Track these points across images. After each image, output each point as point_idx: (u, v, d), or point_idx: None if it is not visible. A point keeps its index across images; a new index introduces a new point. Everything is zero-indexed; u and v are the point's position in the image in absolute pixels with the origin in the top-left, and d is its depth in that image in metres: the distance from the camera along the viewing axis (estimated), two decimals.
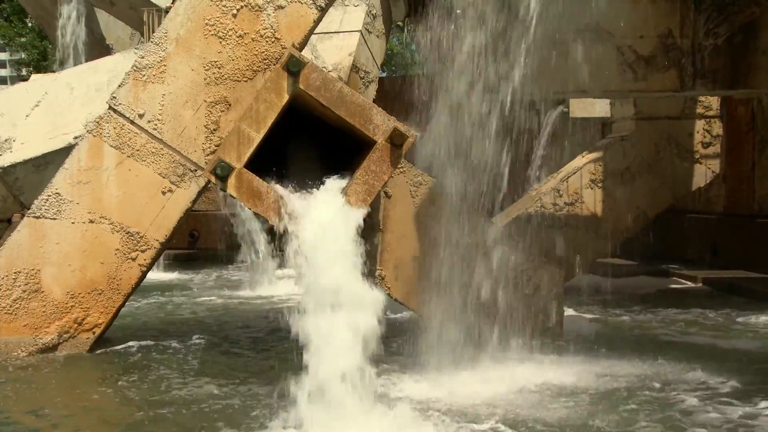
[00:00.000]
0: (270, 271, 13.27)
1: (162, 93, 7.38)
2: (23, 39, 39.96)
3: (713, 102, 12.19)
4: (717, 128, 12.20)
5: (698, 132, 12.14)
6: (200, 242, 16.85)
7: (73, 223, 7.42)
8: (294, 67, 6.37)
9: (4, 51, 57.13)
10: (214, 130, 7.36)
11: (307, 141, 7.01)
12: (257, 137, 6.36)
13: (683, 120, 12.15)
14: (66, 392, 6.34)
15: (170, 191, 7.44)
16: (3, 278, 7.35)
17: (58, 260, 7.40)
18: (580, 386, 6.34)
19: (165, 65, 7.38)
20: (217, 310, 10.49)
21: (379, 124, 6.37)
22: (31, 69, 37.93)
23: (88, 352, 7.40)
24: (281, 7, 7.31)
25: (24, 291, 7.36)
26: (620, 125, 12.58)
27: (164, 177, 7.43)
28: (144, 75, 7.40)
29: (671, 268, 13.99)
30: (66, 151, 8.73)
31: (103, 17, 17.69)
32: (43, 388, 6.40)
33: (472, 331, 7.11)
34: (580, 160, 12.18)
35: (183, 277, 14.30)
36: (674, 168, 12.05)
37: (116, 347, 7.61)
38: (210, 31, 7.32)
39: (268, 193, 6.24)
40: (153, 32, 10.80)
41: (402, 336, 7.30)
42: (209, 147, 7.37)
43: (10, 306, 7.33)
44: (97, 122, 7.51)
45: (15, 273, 7.36)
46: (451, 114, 7.25)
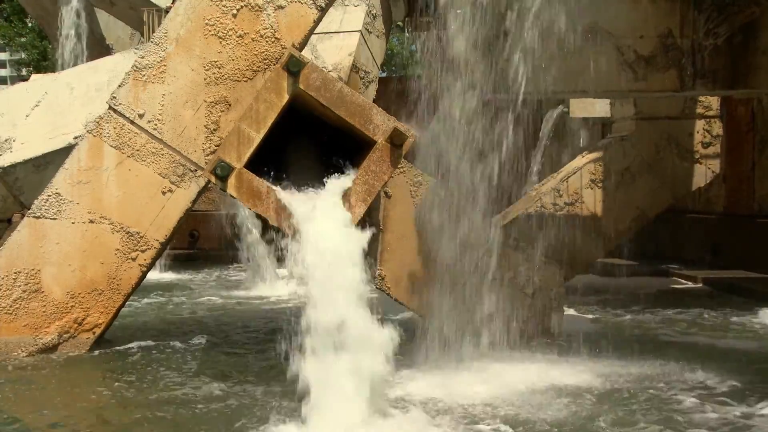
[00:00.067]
0: (270, 271, 13.28)
1: (162, 93, 7.38)
2: (23, 39, 39.98)
3: (713, 102, 12.19)
4: (717, 128, 12.19)
5: (698, 132, 12.14)
6: (200, 242, 16.85)
7: (73, 223, 7.43)
8: (294, 67, 6.38)
9: (4, 51, 57.14)
10: (214, 130, 7.36)
11: (307, 141, 7.01)
12: (257, 137, 6.37)
13: (683, 120, 12.14)
14: (66, 392, 6.34)
15: (170, 191, 7.44)
16: (3, 278, 7.35)
17: (58, 260, 7.41)
18: (580, 386, 6.34)
19: (165, 65, 7.38)
20: (217, 310, 10.49)
21: (379, 124, 6.37)
22: (31, 69, 37.93)
23: (88, 352, 7.41)
24: (281, 7, 7.31)
25: (24, 291, 7.36)
26: (620, 125, 12.58)
27: (164, 177, 7.43)
28: (144, 75, 7.40)
29: (671, 268, 13.98)
30: (66, 151, 8.72)
31: (103, 17, 17.67)
32: (43, 389, 6.40)
33: (473, 331, 7.12)
34: (580, 160, 12.18)
35: (183, 277, 14.30)
36: (674, 168, 12.05)
37: (116, 347, 7.61)
38: (210, 31, 7.32)
39: (268, 194, 6.24)
40: (153, 32, 10.80)
41: (402, 336, 7.28)
42: (209, 147, 7.37)
43: (10, 306, 7.33)
44: (97, 122, 7.51)
45: (15, 273, 7.36)
46: (452, 114, 7.25)
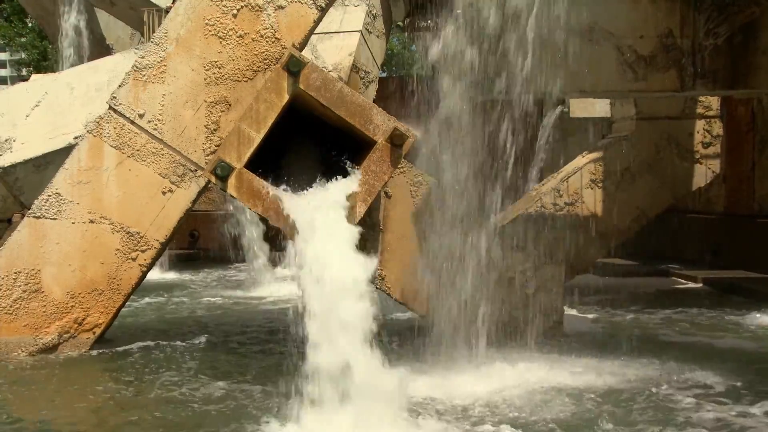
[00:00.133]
0: (270, 271, 13.28)
1: (162, 93, 7.38)
2: (23, 39, 39.98)
3: (713, 102, 12.19)
4: (717, 128, 12.20)
5: (698, 132, 12.14)
6: (200, 242, 16.85)
7: (74, 223, 7.43)
8: (294, 67, 6.38)
9: (4, 51, 57.14)
10: (215, 130, 7.36)
11: (307, 141, 7.02)
12: (257, 137, 6.36)
13: (683, 120, 12.15)
14: (66, 392, 6.34)
15: (170, 191, 7.44)
16: (3, 278, 7.35)
17: (59, 260, 7.41)
18: (580, 386, 6.33)
19: (165, 65, 7.38)
20: (217, 310, 10.49)
21: (379, 124, 6.37)
22: (31, 69, 37.93)
23: (88, 352, 7.41)
24: (281, 7, 7.31)
25: (24, 291, 7.36)
26: (620, 125, 12.58)
27: (164, 177, 7.43)
28: (144, 75, 7.40)
29: (671, 268, 13.98)
30: (66, 151, 8.72)
31: (103, 17, 17.67)
32: (43, 389, 6.39)
33: (473, 331, 7.11)
34: (580, 160, 12.18)
35: (183, 277, 14.29)
36: (674, 168, 12.06)
37: (116, 347, 7.61)
38: (210, 31, 7.32)
39: (268, 194, 6.24)
40: (153, 32, 10.81)
41: (402, 336, 7.29)
42: (209, 147, 7.37)
43: (11, 306, 7.33)
44: (97, 122, 7.51)
45: (15, 273, 7.36)
46: (453, 114, 7.25)
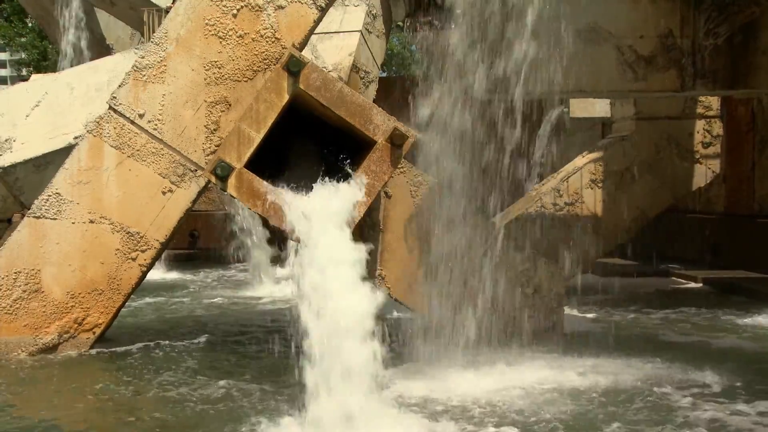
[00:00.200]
0: (270, 271, 13.28)
1: (162, 93, 7.38)
2: (23, 39, 39.95)
3: (713, 102, 12.19)
4: (717, 128, 12.20)
5: (698, 132, 12.14)
6: (200, 242, 16.85)
7: (74, 223, 7.43)
8: (294, 67, 6.38)
9: (4, 51, 57.14)
10: (215, 130, 7.36)
11: (307, 141, 7.02)
12: (257, 137, 6.36)
13: (683, 120, 12.15)
14: (65, 392, 6.33)
15: (170, 191, 7.44)
16: (3, 278, 7.35)
17: (58, 260, 7.41)
18: (580, 386, 6.33)
19: (165, 65, 7.38)
20: (217, 310, 10.49)
21: (379, 124, 6.37)
22: (31, 69, 37.91)
23: (88, 352, 7.41)
24: (281, 7, 7.31)
25: (24, 291, 7.36)
26: (620, 125, 12.58)
27: (164, 177, 7.43)
28: (144, 75, 7.40)
29: (671, 268, 13.98)
30: (66, 151, 8.72)
31: (103, 17, 17.66)
32: (43, 389, 6.40)
33: (473, 331, 7.11)
34: (580, 160, 12.18)
35: (183, 277, 14.29)
36: (674, 168, 12.05)
37: (116, 347, 7.61)
38: (210, 31, 7.32)
39: (269, 194, 6.24)
40: (153, 32, 10.81)
41: (402, 336, 7.29)
42: (209, 147, 7.37)
43: (10, 306, 7.33)
44: (97, 122, 7.51)
45: (15, 273, 7.36)
46: (453, 114, 7.25)
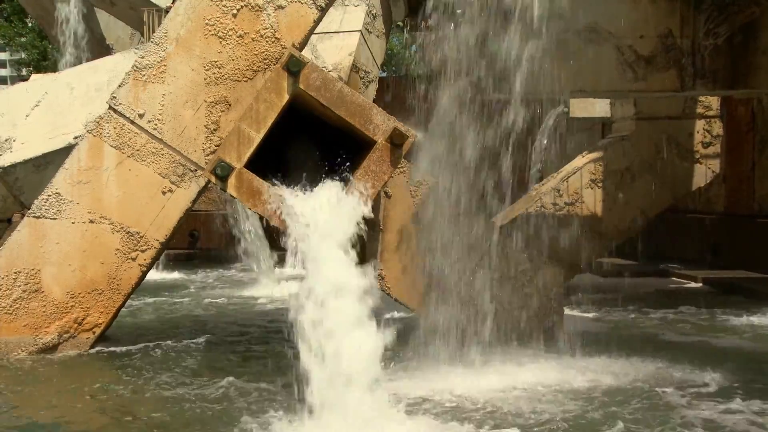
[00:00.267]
0: (270, 271, 13.28)
1: (162, 93, 7.38)
2: (23, 39, 39.94)
3: (713, 102, 12.19)
4: (717, 128, 12.19)
5: (698, 132, 12.13)
6: (200, 242, 16.85)
7: (73, 223, 7.43)
8: (294, 67, 6.38)
9: (4, 51, 57.11)
10: (214, 130, 7.36)
11: (307, 141, 7.01)
12: (257, 137, 6.36)
13: (683, 120, 12.14)
14: (65, 392, 6.33)
15: (170, 191, 7.44)
16: (3, 278, 7.35)
17: (58, 260, 7.41)
18: (581, 386, 6.34)
19: (165, 65, 7.38)
20: (217, 311, 10.49)
21: (379, 124, 6.37)
22: (31, 69, 37.90)
23: (88, 352, 7.40)
24: (281, 7, 7.31)
25: (24, 291, 7.36)
26: (620, 125, 12.58)
27: (164, 177, 7.43)
28: (144, 75, 7.40)
29: (671, 268, 13.98)
30: (66, 151, 8.72)
31: (103, 17, 17.66)
32: (43, 389, 6.39)
33: (473, 331, 7.11)
34: (580, 160, 12.18)
35: (183, 277, 14.29)
36: (674, 168, 12.05)
37: (116, 347, 7.61)
38: (210, 31, 7.32)
39: (269, 193, 6.24)
40: (153, 32, 10.79)
41: (402, 336, 7.28)
42: (209, 147, 7.37)
43: (10, 306, 7.33)
44: (97, 122, 7.51)
45: (15, 273, 7.36)
46: (452, 114, 7.25)
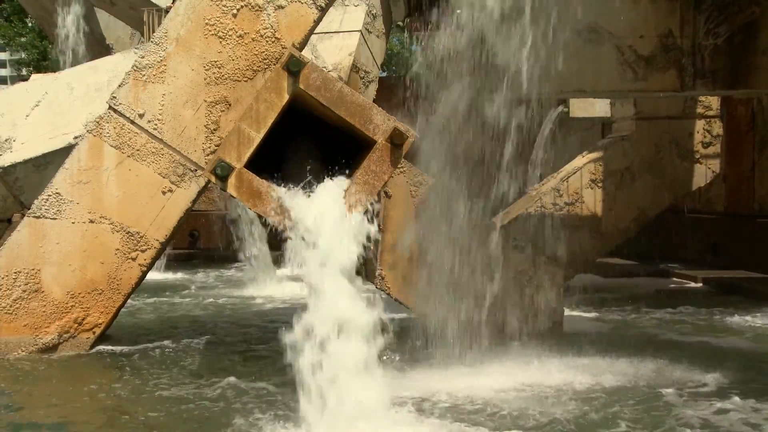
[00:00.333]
0: (270, 271, 13.27)
1: (162, 93, 7.38)
2: (23, 39, 39.93)
3: (713, 102, 12.19)
4: (717, 128, 12.19)
5: (698, 132, 12.13)
6: (200, 242, 16.86)
7: (73, 223, 7.42)
8: (294, 67, 6.37)
9: (4, 51, 57.10)
10: (214, 130, 7.36)
11: (307, 141, 7.01)
12: (257, 137, 6.36)
13: (683, 120, 12.14)
14: (64, 392, 6.33)
15: (170, 191, 7.44)
16: (3, 278, 7.35)
17: (58, 260, 7.40)
18: (581, 386, 6.33)
19: (165, 65, 7.38)
20: (217, 311, 10.49)
21: (379, 124, 6.36)
22: (31, 69, 37.89)
23: (88, 352, 7.40)
24: (281, 7, 7.31)
25: (24, 291, 7.35)
26: (620, 125, 12.58)
27: (164, 177, 7.43)
28: (144, 75, 7.40)
29: (671, 268, 13.98)
30: (66, 151, 8.73)
31: (103, 17, 17.67)
32: (42, 389, 6.39)
33: (473, 331, 7.12)
34: (580, 160, 12.17)
35: (183, 277, 14.30)
36: (674, 168, 12.05)
37: (116, 347, 7.61)
38: (210, 31, 7.32)
39: (269, 193, 6.23)
40: (153, 32, 10.80)
41: (402, 336, 7.29)
42: (209, 147, 7.37)
43: (10, 306, 7.33)
44: (97, 122, 7.51)
45: (15, 273, 7.36)
46: (452, 114, 7.25)
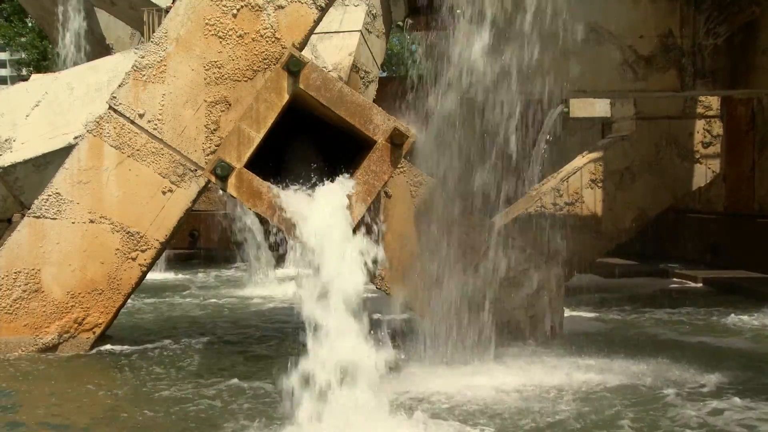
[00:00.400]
0: (270, 271, 13.27)
1: (162, 93, 7.38)
2: (23, 39, 39.95)
3: (713, 102, 12.19)
4: (717, 128, 12.20)
5: (698, 132, 12.14)
6: (200, 242, 16.86)
7: (74, 223, 7.43)
8: (294, 67, 6.38)
9: (4, 51, 57.13)
10: (215, 130, 7.36)
11: (307, 141, 7.01)
12: (257, 137, 6.36)
13: (683, 120, 12.14)
14: (64, 392, 6.32)
15: (170, 191, 7.44)
16: (3, 278, 7.35)
17: (59, 260, 7.40)
18: (581, 386, 6.33)
19: (165, 65, 7.38)
20: (216, 311, 10.49)
21: (379, 124, 6.37)
22: (31, 69, 37.90)
23: (88, 352, 7.40)
24: (281, 7, 7.31)
25: (24, 291, 7.36)
26: (620, 125, 12.58)
27: (164, 177, 7.43)
28: (144, 75, 7.40)
29: (671, 268, 13.99)
30: (66, 151, 8.73)
31: (103, 17, 17.68)
32: (42, 389, 6.39)
33: (472, 331, 7.11)
34: (580, 160, 12.18)
35: (183, 277, 14.30)
36: (674, 168, 12.05)
37: (116, 347, 7.61)
38: (210, 31, 7.32)
39: (269, 193, 6.24)
40: (153, 32, 10.81)
41: (402, 336, 7.29)
42: (209, 147, 7.37)
43: (11, 306, 7.33)
44: (97, 122, 7.51)
45: (15, 273, 7.36)
46: (453, 113, 7.25)
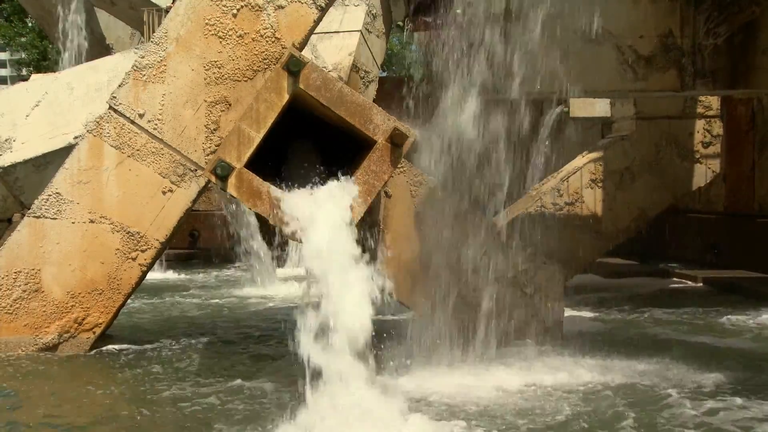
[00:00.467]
0: (270, 271, 13.28)
1: (162, 93, 7.38)
2: (23, 39, 39.97)
3: (713, 102, 12.19)
4: (717, 128, 12.20)
5: (698, 132, 12.14)
6: (200, 242, 16.87)
7: (74, 223, 7.43)
8: (294, 67, 6.38)
9: (4, 51, 57.14)
10: (215, 130, 7.36)
11: (307, 141, 7.02)
12: (257, 137, 6.36)
13: (683, 120, 12.14)
14: (63, 392, 6.32)
15: (170, 191, 7.44)
16: (3, 278, 7.35)
17: (59, 260, 7.40)
18: (581, 386, 6.34)
19: (165, 65, 7.38)
20: (217, 311, 10.49)
21: (379, 124, 6.37)
22: (31, 69, 37.91)
23: (88, 352, 7.40)
24: (281, 7, 7.31)
25: (24, 291, 7.36)
26: (620, 125, 12.58)
27: (164, 177, 7.43)
28: (144, 75, 7.40)
29: (671, 268, 14.00)
30: (66, 151, 8.72)
31: (103, 17, 17.68)
32: (42, 389, 6.38)
33: (473, 331, 7.11)
34: (580, 160, 12.18)
35: (183, 277, 14.30)
36: (674, 168, 12.05)
37: (116, 347, 7.61)
38: (210, 31, 7.32)
39: (268, 193, 6.24)
40: (153, 32, 10.81)
41: (402, 336, 7.29)
42: (209, 147, 7.37)
43: (11, 306, 7.33)
44: (98, 122, 7.51)
45: (15, 273, 7.36)
46: (453, 113, 7.25)
